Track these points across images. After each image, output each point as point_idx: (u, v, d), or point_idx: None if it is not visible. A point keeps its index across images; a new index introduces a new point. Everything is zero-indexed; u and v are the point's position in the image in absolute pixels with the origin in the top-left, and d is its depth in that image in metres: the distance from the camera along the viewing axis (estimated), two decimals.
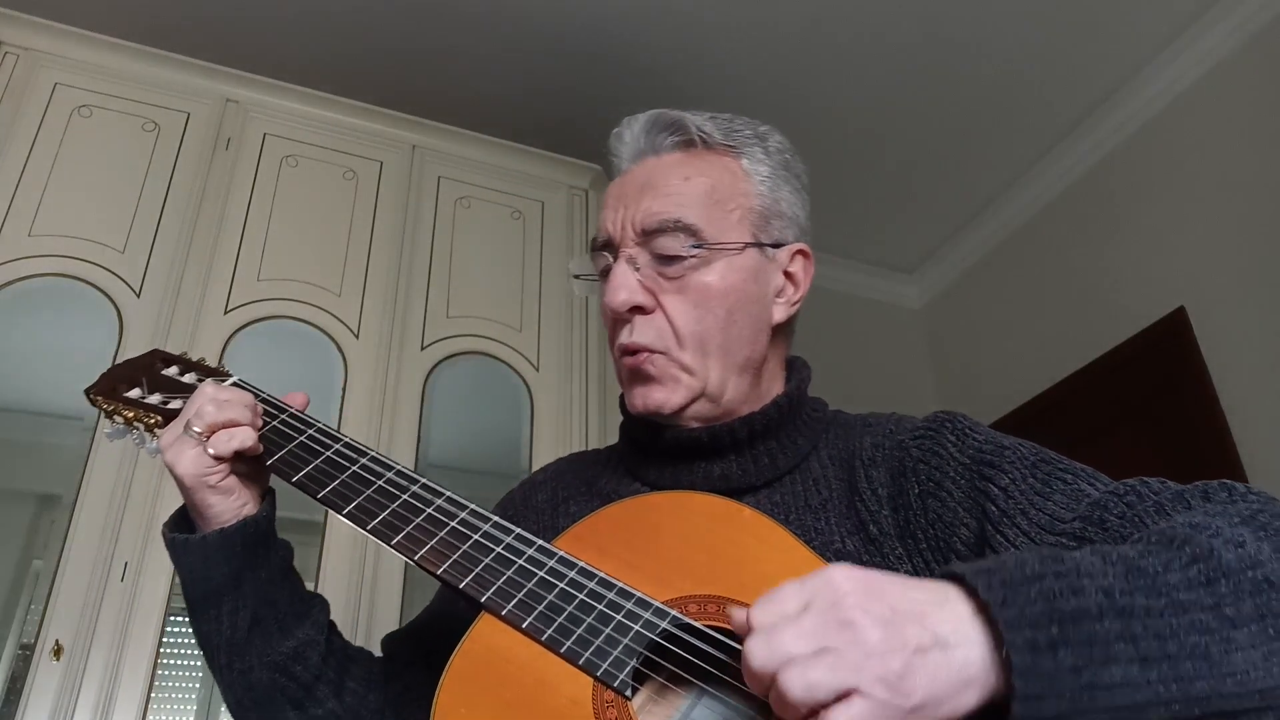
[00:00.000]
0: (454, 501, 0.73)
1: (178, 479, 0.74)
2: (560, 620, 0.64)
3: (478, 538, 0.70)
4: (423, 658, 0.86)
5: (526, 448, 2.13)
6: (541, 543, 0.69)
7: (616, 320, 0.80)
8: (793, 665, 0.46)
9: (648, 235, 0.78)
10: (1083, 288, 2.71)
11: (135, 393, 0.85)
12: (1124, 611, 0.48)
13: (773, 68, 2.52)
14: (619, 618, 0.63)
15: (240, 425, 0.75)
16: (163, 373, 0.88)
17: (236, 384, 0.85)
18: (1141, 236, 2.55)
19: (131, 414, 0.83)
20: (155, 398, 0.84)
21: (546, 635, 0.63)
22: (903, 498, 0.72)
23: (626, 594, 0.65)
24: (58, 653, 1.60)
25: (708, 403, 0.79)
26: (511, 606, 0.65)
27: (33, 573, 1.87)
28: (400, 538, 0.71)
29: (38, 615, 1.67)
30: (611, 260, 0.80)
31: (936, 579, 0.51)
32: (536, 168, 2.47)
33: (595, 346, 2.30)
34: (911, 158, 2.85)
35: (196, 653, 0.84)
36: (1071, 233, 2.78)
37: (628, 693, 0.60)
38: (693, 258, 0.77)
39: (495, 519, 0.72)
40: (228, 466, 0.75)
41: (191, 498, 0.75)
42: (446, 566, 0.68)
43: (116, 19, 2.21)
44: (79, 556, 1.68)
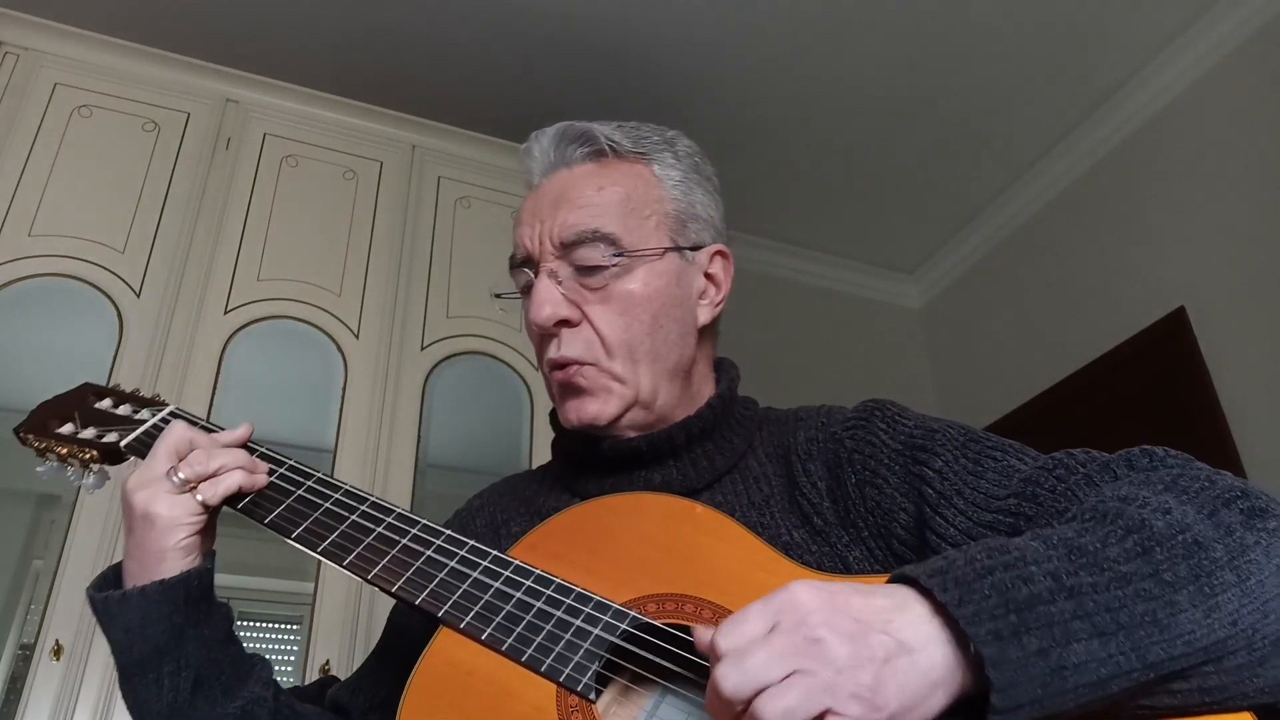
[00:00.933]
0: (405, 518, 0.73)
1: (149, 518, 0.70)
2: (519, 629, 0.64)
3: (430, 553, 0.70)
4: (380, 705, 0.83)
5: (526, 448, 2.13)
6: (496, 553, 0.69)
7: (543, 336, 0.80)
8: (767, 693, 0.46)
9: (567, 248, 0.78)
10: (1082, 288, 2.71)
11: (68, 428, 0.83)
12: (1074, 591, 0.49)
13: (772, 68, 2.53)
14: (578, 622, 0.63)
15: (230, 471, 0.73)
16: (95, 406, 0.86)
17: (174, 413, 0.83)
18: (1141, 236, 2.55)
19: (65, 450, 0.82)
20: (90, 432, 0.83)
21: (506, 645, 0.63)
22: (841, 489, 0.73)
23: (584, 598, 0.65)
24: (58, 653, 1.60)
25: (641, 410, 0.79)
26: (470, 619, 0.65)
27: (33, 573, 1.87)
28: (351, 558, 0.70)
29: (38, 615, 1.67)
30: (533, 276, 0.80)
31: (891, 582, 0.52)
32: None
33: None
34: (911, 158, 2.85)
35: None
36: (1071, 233, 2.78)
37: (591, 696, 0.60)
38: (614, 266, 0.77)
39: (448, 533, 0.71)
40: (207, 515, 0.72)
41: (158, 542, 0.70)
42: (401, 584, 0.68)
43: (116, 19, 2.21)
44: (79, 556, 1.68)
